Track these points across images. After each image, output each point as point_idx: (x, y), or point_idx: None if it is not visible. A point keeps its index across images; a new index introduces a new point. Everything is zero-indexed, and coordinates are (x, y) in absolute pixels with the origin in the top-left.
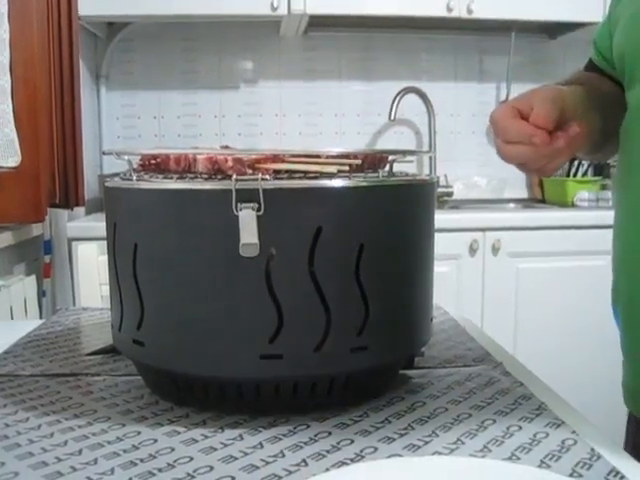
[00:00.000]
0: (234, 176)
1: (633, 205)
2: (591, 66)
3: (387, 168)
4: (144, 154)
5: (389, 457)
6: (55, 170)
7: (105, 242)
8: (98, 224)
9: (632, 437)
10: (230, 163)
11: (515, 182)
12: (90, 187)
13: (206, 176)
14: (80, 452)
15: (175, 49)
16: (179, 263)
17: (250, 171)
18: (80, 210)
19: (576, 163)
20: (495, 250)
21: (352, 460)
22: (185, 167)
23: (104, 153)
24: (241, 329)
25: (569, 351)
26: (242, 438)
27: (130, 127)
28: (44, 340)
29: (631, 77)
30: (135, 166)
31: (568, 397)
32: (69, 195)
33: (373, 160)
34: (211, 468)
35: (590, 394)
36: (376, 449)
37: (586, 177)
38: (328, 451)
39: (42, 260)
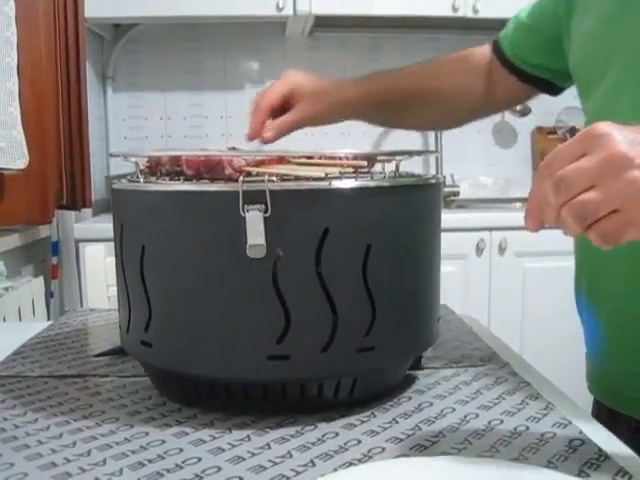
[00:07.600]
0: (241, 178)
1: None
2: (498, 51)
3: (393, 168)
4: (151, 156)
5: (396, 457)
6: (62, 171)
7: (112, 243)
8: (105, 225)
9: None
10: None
11: (522, 181)
12: (97, 188)
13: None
14: (89, 453)
15: (181, 50)
16: (186, 264)
17: (255, 172)
18: (87, 211)
19: None
20: (502, 249)
21: (360, 460)
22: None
23: (111, 155)
24: (248, 330)
25: (576, 350)
26: (250, 439)
27: (137, 128)
28: (52, 341)
29: (585, 90)
30: (142, 167)
31: (575, 396)
32: (76, 196)
33: (379, 161)
34: (219, 469)
35: None
36: (383, 449)
37: None
38: (336, 451)
39: (50, 261)
